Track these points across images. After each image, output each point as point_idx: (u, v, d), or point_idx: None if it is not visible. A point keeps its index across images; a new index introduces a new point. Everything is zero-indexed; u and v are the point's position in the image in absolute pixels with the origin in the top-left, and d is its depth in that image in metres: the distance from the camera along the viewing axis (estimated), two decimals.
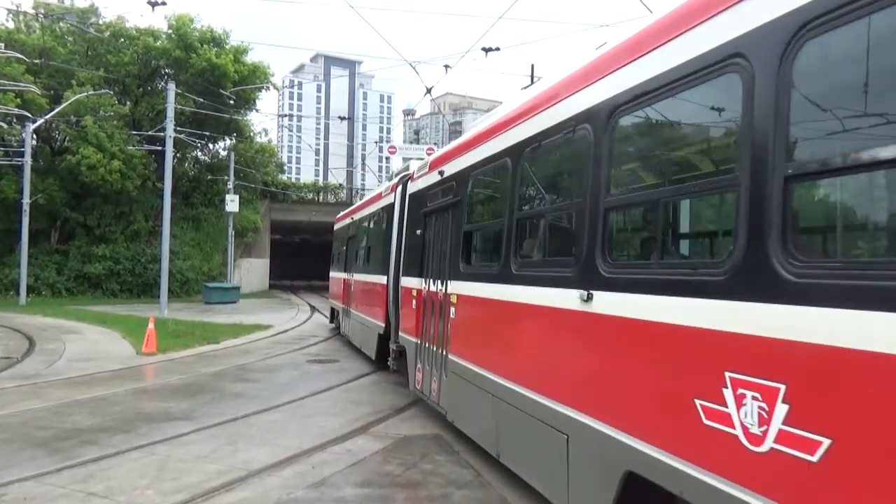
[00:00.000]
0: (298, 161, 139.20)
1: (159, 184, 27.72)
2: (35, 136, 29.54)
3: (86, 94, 28.36)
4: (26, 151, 26.88)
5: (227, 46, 34.38)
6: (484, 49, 19.62)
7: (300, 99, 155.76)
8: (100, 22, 33.65)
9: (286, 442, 6.96)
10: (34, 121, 27.16)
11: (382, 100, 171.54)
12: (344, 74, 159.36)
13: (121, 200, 31.98)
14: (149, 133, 28.97)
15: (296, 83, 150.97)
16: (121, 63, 32.71)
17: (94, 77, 31.02)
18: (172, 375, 11.19)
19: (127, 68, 33.02)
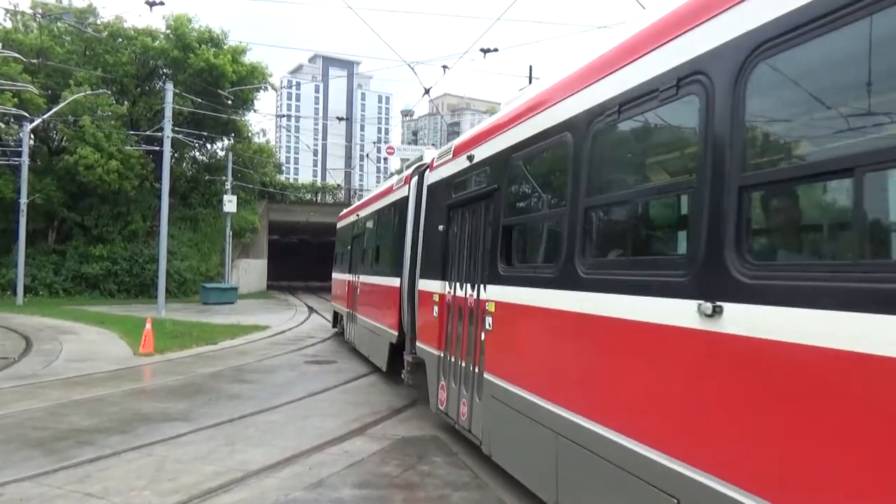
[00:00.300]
0: (296, 161, 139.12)
1: (157, 184, 27.70)
2: (32, 136, 29.48)
3: (83, 94, 28.34)
4: (24, 151, 26.85)
5: (226, 47, 34.36)
6: (482, 50, 19.62)
7: (298, 99, 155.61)
8: (98, 22, 33.65)
9: (284, 443, 6.95)
10: (32, 120, 27.12)
11: (381, 100, 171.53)
12: (342, 75, 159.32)
13: (118, 200, 31.94)
14: (146, 133, 28.98)
15: (294, 83, 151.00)
16: (119, 63, 32.71)
17: (92, 77, 30.98)
18: (170, 376, 11.18)
19: (125, 68, 33.03)
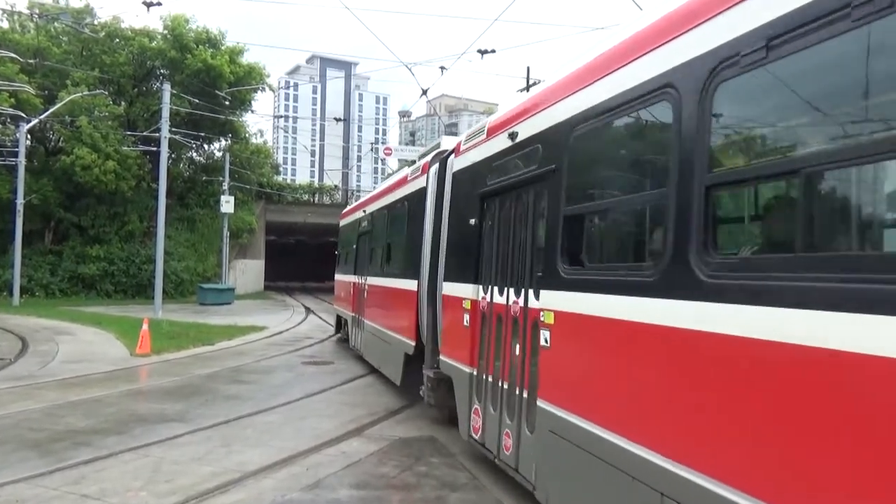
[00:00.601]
0: (294, 162, 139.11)
1: (154, 184, 27.65)
2: (29, 137, 29.44)
3: (80, 95, 28.29)
4: (20, 151, 26.78)
5: (223, 47, 34.39)
6: (480, 51, 19.66)
7: (296, 100, 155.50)
8: (95, 22, 33.61)
9: (281, 443, 6.94)
10: (28, 121, 27.03)
11: (378, 101, 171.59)
12: (340, 76, 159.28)
13: (115, 201, 31.87)
14: (144, 134, 28.92)
15: (291, 84, 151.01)
16: (116, 63, 32.65)
17: (89, 77, 30.93)
18: (167, 377, 11.16)
19: (122, 69, 32.97)
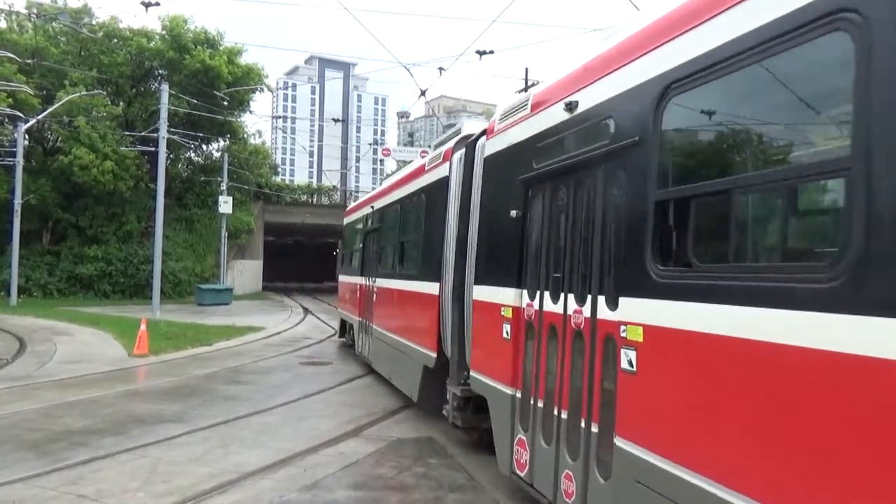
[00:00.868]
0: (292, 163, 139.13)
1: (152, 185, 27.63)
2: (27, 137, 29.38)
3: (78, 95, 28.25)
4: (18, 151, 26.74)
5: (221, 48, 34.36)
6: (478, 52, 19.61)
7: (294, 101, 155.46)
8: (93, 22, 33.59)
9: (279, 444, 6.94)
10: (26, 121, 27.00)
11: (377, 102, 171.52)
12: (338, 76, 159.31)
13: (113, 201, 31.82)
14: (142, 134, 28.88)
15: (290, 85, 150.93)
16: (114, 64, 32.61)
17: (87, 77, 30.88)
18: (164, 377, 11.15)
19: (120, 69, 32.92)
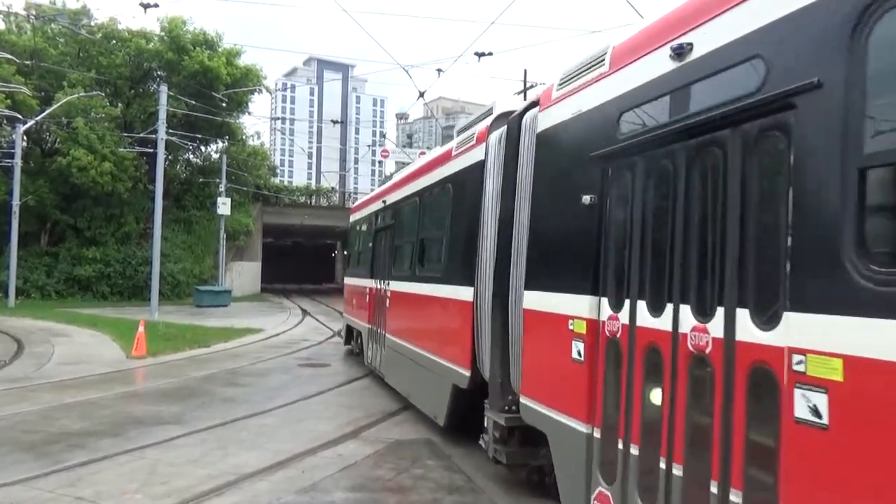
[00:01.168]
0: (291, 164, 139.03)
1: (150, 186, 27.60)
2: (25, 138, 29.34)
3: (77, 96, 28.22)
4: (16, 153, 26.68)
5: (220, 49, 34.32)
6: (477, 53, 19.61)
7: (293, 102, 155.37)
8: (91, 23, 33.54)
9: (277, 446, 6.94)
10: (24, 122, 26.98)
11: (375, 103, 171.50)
12: (337, 78, 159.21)
13: (111, 202, 31.78)
14: (140, 135, 28.90)
15: (289, 86, 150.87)
16: (112, 65, 32.58)
17: (86, 79, 30.86)
18: (162, 379, 11.14)
19: (119, 70, 32.90)
